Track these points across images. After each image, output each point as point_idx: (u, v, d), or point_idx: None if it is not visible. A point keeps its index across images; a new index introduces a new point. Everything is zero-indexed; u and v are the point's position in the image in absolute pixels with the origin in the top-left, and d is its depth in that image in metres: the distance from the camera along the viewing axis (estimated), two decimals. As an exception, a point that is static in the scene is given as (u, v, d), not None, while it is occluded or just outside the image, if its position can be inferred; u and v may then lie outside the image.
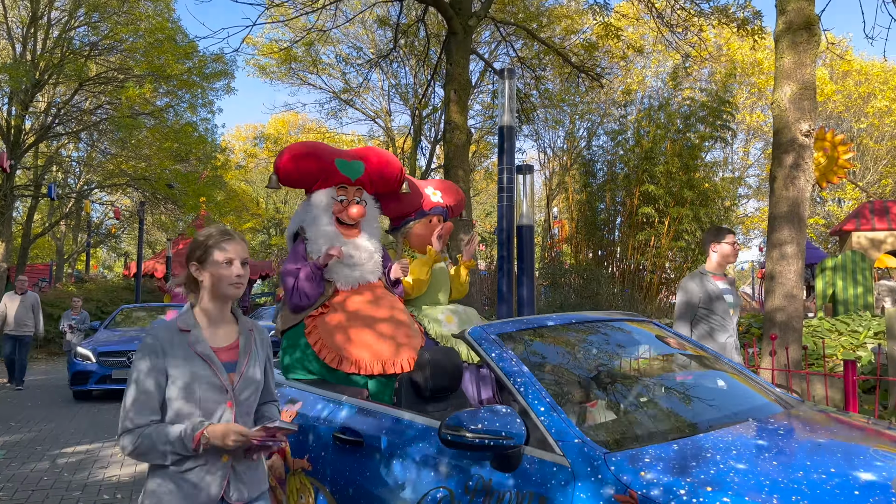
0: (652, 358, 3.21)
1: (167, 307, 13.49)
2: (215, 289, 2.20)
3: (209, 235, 2.24)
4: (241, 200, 37.04)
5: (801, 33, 5.91)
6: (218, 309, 2.25)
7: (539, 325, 3.08)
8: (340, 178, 4.00)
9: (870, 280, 12.17)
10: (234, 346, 2.24)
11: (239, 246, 2.24)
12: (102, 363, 10.08)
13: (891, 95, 27.99)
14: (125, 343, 10.47)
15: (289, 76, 21.66)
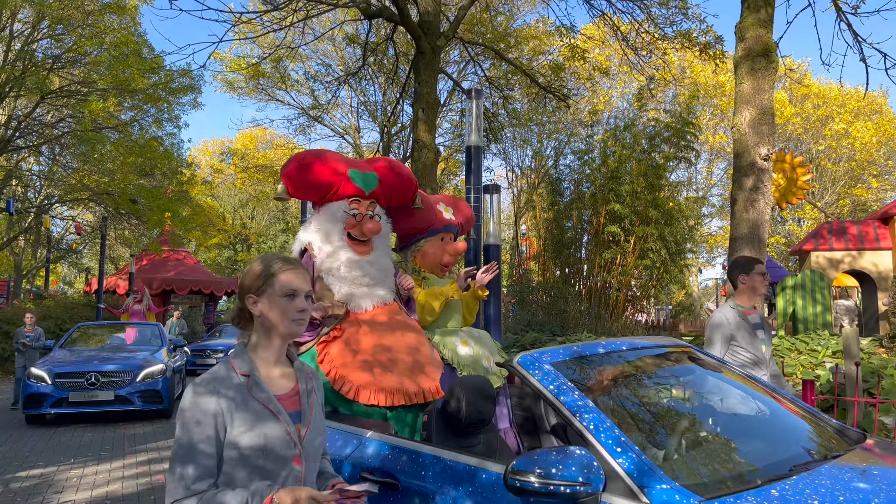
0: (717, 389, 3.02)
1: (126, 325, 13.15)
2: (275, 325, 1.92)
3: (269, 263, 1.97)
4: (208, 216, 36.64)
5: (760, 60, 6.07)
6: (276, 349, 1.96)
7: (591, 353, 2.81)
8: (353, 189, 3.63)
9: (828, 299, 12.44)
10: (294, 393, 1.96)
11: (302, 276, 1.97)
12: (59, 385, 9.58)
13: (847, 118, 28.86)
14: (83, 363, 9.99)
15: (257, 92, 21.55)
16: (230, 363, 1.91)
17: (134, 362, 10.12)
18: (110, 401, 9.65)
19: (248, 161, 25.81)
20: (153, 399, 9.96)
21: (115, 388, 9.70)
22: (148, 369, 10.02)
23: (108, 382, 9.69)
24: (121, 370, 9.87)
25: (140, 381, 9.86)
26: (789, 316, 12.58)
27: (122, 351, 11.04)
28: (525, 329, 13.88)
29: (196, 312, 28.28)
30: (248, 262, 2.01)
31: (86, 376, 9.65)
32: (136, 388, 9.81)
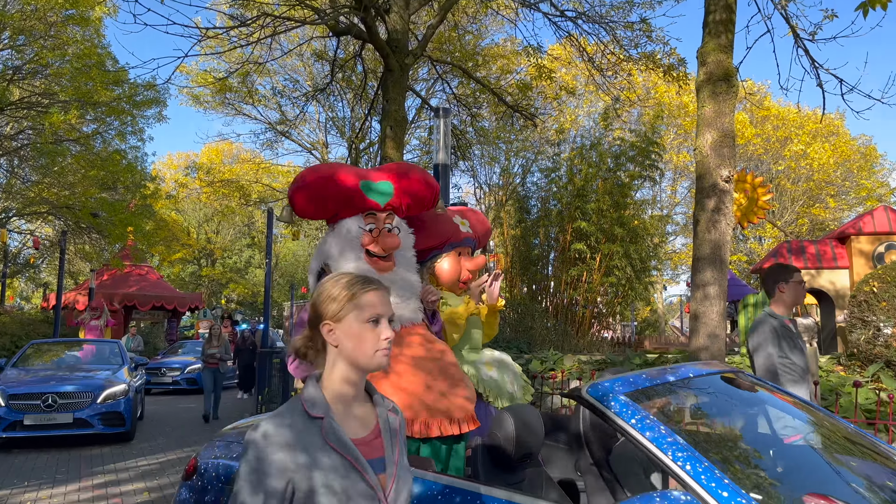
0: (792, 420, 2.79)
1: (83, 342, 12.79)
2: (356, 358, 1.64)
3: (349, 283, 1.69)
4: (172, 230, 36.06)
5: (721, 84, 6.20)
6: (355, 385, 1.68)
7: (661, 382, 2.57)
8: (368, 204, 3.34)
9: (788, 317, 12.68)
10: (376, 435, 1.68)
11: (385, 298, 1.70)
12: (12, 407, 8.99)
13: (806, 140, 29.64)
14: (40, 384, 9.40)
15: (223, 106, 21.34)
16: (301, 403, 1.62)
17: (94, 382, 9.60)
18: (69, 424, 9.10)
19: (214, 175, 25.49)
20: (115, 422, 9.45)
21: (73, 410, 9.17)
22: (109, 390, 9.51)
23: (66, 404, 9.15)
24: (80, 391, 9.34)
25: (101, 402, 9.34)
26: (751, 333, 12.81)
27: (80, 370, 10.49)
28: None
29: (158, 329, 27.77)
30: (326, 281, 1.72)
31: (42, 398, 9.09)
32: (97, 410, 9.29)
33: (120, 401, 9.51)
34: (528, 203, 19.32)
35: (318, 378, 1.68)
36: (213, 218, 43.40)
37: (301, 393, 1.66)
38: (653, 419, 2.16)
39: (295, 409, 1.61)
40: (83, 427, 9.18)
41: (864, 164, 32.44)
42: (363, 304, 1.65)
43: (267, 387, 11.87)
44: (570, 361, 10.38)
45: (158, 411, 13.56)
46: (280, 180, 31.82)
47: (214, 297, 46.32)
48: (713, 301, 6.06)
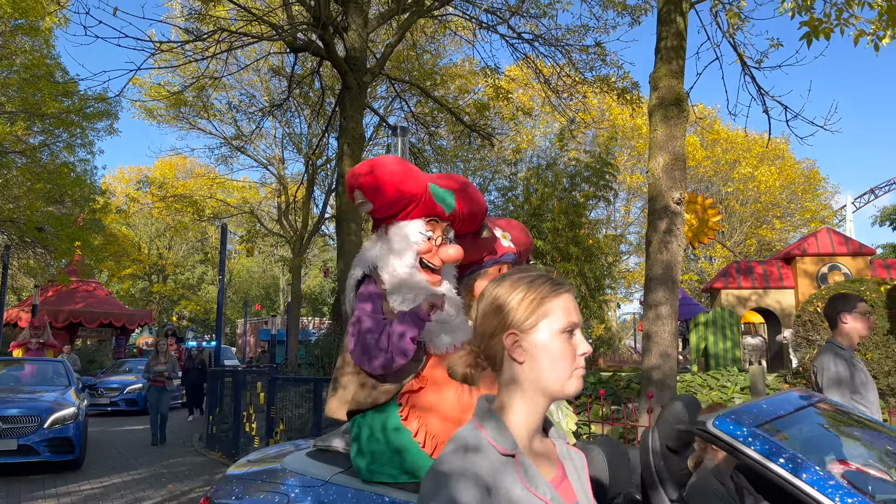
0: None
1: (24, 361, 12.27)
2: (547, 378, 1.29)
3: (533, 283, 1.34)
4: (122, 245, 35.17)
5: (672, 108, 6.35)
6: (540, 414, 1.33)
7: (785, 412, 2.31)
8: (433, 208, 2.95)
9: (737, 335, 13.00)
10: (563, 477, 1.36)
11: (574, 301, 1.37)
12: None
13: (753, 163, 30.59)
14: None
15: (178, 120, 20.98)
16: (483, 436, 1.28)
17: (40, 405, 8.89)
18: (12, 451, 8.30)
19: (167, 190, 24.98)
20: (63, 448, 8.67)
21: (18, 436, 8.36)
22: (57, 413, 8.78)
23: (9, 430, 8.35)
24: (25, 414, 8.58)
25: (48, 427, 8.56)
26: (702, 352, 13.06)
27: (22, 391, 9.74)
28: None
29: (106, 346, 26.96)
30: (498, 282, 1.38)
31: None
32: (44, 435, 8.50)
33: (69, 425, 8.75)
34: (486, 222, 19.45)
35: (489, 401, 1.35)
36: (166, 233, 42.48)
37: (479, 421, 1.32)
38: (801, 457, 1.94)
39: (478, 441, 1.26)
40: (28, 454, 8.43)
41: (808, 187, 33.63)
42: (557, 309, 1.30)
43: (218, 407, 11.52)
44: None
45: (98, 434, 12.82)
46: (235, 195, 31.37)
47: (166, 314, 45.24)
48: (665, 321, 6.16)
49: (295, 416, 9.41)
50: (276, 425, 9.24)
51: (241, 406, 10.04)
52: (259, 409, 9.88)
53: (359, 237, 9.95)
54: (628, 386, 9.27)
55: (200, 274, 50.35)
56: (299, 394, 9.44)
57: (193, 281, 49.46)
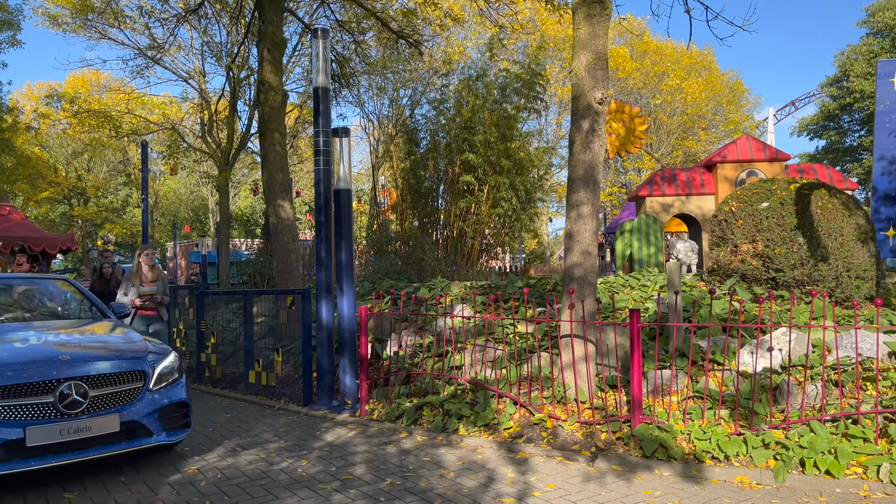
0: None
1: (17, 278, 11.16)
2: None
3: None
4: (36, 167, 33.43)
5: (595, 6, 6.30)
6: None
7: None
8: None
9: (661, 241, 13.46)
10: None
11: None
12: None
13: (681, 74, 30.97)
14: (35, 363, 4.75)
15: (85, 28, 19.56)
16: None
17: (132, 349, 5.25)
18: (112, 434, 4.66)
19: (80, 105, 23.58)
20: (178, 421, 5.18)
21: (118, 407, 4.75)
22: (162, 362, 5.22)
23: (102, 399, 4.69)
24: (123, 370, 4.89)
25: (155, 387, 5.04)
26: (627, 257, 13.52)
27: (62, 330, 5.72)
28: (382, 277, 13.95)
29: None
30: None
31: (52, 389, 4.49)
32: (154, 403, 4.96)
33: (180, 381, 5.31)
34: (417, 136, 19.24)
35: None
36: (84, 154, 40.43)
37: None
38: None
39: None
40: (137, 438, 4.82)
41: (733, 98, 34.42)
42: None
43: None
44: (457, 288, 10.62)
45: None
46: (156, 113, 29.94)
47: (90, 239, 43.62)
48: (586, 220, 6.31)
49: (227, 330, 9.38)
50: (207, 339, 9.22)
51: (170, 323, 9.91)
52: (189, 326, 9.80)
53: (283, 147, 9.71)
54: (554, 289, 9.55)
55: (125, 197, 48.48)
56: (231, 310, 9.39)
57: (118, 204, 47.63)
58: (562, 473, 4.79)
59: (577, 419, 5.57)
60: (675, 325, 6.25)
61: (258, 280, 16.66)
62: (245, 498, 4.43)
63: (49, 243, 24.32)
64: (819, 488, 4.28)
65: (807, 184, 8.17)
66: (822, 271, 7.56)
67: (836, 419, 4.88)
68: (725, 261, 8.50)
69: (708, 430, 4.99)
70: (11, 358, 4.68)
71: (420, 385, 6.95)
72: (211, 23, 19.70)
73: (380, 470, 4.98)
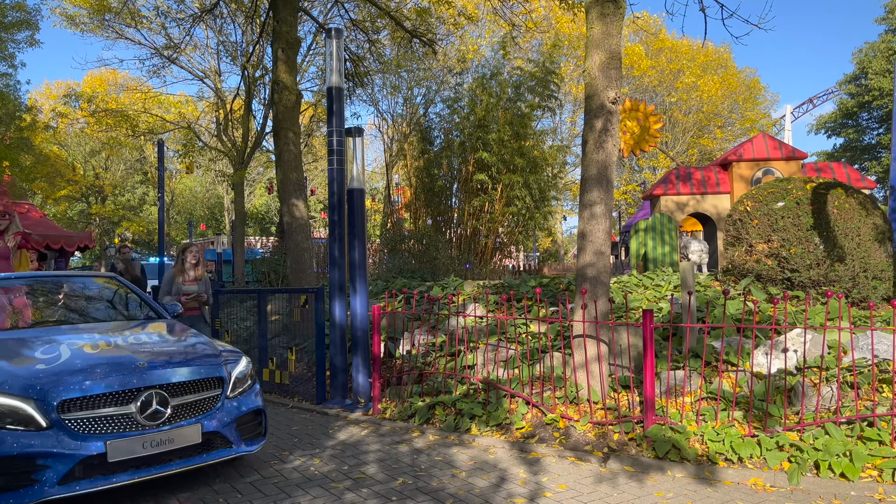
0: None
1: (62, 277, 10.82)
2: None
3: None
4: (54, 165, 33.76)
5: (609, 5, 6.27)
6: None
7: None
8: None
9: (675, 240, 13.39)
10: None
11: None
12: (72, 426, 4.08)
13: (697, 72, 30.74)
14: (112, 369, 4.53)
15: (102, 28, 19.74)
16: None
17: (208, 354, 4.92)
18: (194, 446, 4.39)
19: (97, 104, 23.82)
20: (255, 430, 4.93)
21: (199, 415, 4.49)
22: (237, 367, 4.96)
23: (184, 408, 4.43)
24: (202, 376, 4.60)
25: (233, 395, 4.78)
26: (641, 256, 13.45)
27: (123, 333, 5.33)
28: (395, 275, 13.98)
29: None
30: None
31: (132, 398, 4.22)
32: (233, 411, 4.69)
33: (254, 387, 5.05)
34: (431, 134, 19.25)
35: None
36: (101, 152, 40.81)
37: None
38: None
39: None
40: (217, 450, 4.55)
41: (749, 96, 34.11)
42: None
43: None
44: (469, 287, 10.62)
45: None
46: (172, 112, 30.15)
47: (107, 237, 44.06)
48: (599, 220, 6.29)
49: (241, 328, 9.45)
50: (222, 337, 9.28)
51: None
52: (205, 323, 9.87)
53: (297, 146, 9.75)
54: (567, 288, 9.53)
55: (141, 195, 48.89)
56: (245, 308, 9.46)
57: (135, 202, 48.05)
58: (574, 474, 4.79)
59: (590, 419, 5.56)
60: (688, 326, 6.22)
61: (272, 278, 16.76)
62: (258, 496, 4.46)
63: (67, 241, 24.60)
64: (834, 491, 4.25)
65: (823, 183, 8.09)
66: (839, 272, 7.49)
67: (852, 421, 4.84)
68: (740, 260, 8.44)
69: (721, 432, 4.96)
70: (86, 365, 4.31)
71: (432, 384, 6.96)
72: (226, 22, 19.81)
73: (392, 469, 5.00)
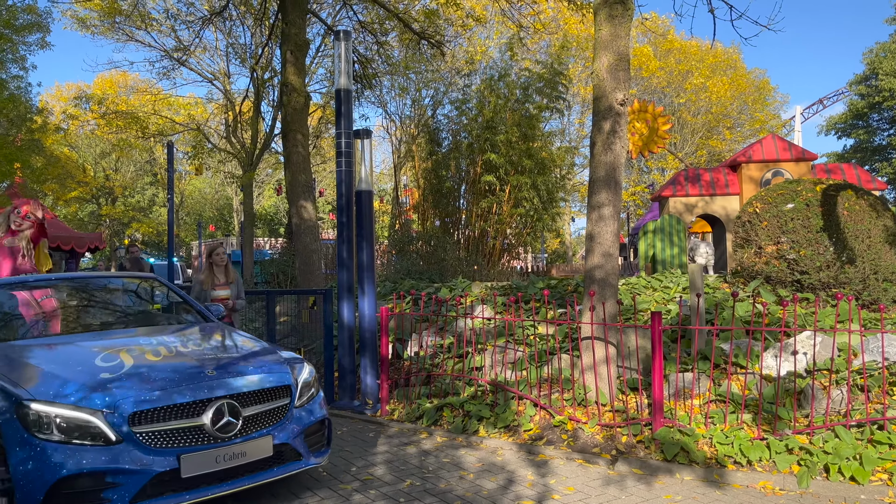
0: None
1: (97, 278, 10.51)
2: None
3: None
4: (65, 167, 33.96)
5: (617, 6, 6.27)
6: None
7: None
8: None
9: (684, 241, 13.34)
10: None
11: None
12: (145, 440, 3.85)
13: (706, 73, 30.63)
14: (180, 380, 4.29)
15: (113, 31, 19.87)
16: None
17: (273, 359, 4.67)
18: (264, 460, 4.12)
19: (108, 106, 23.97)
20: (321, 441, 4.60)
21: (271, 426, 4.21)
22: (302, 374, 4.61)
23: (255, 419, 4.16)
24: (272, 385, 4.30)
25: (300, 404, 4.45)
26: (650, 258, 13.41)
27: (169, 333, 5.08)
28: (403, 277, 13.99)
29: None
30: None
31: (204, 409, 3.93)
32: (302, 421, 4.41)
33: (319, 396, 4.71)
34: (439, 135, 19.27)
35: None
36: (111, 154, 41.05)
37: None
38: None
39: None
40: (287, 463, 4.26)
41: (759, 97, 33.96)
42: None
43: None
44: (478, 288, 10.62)
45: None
46: (181, 114, 30.30)
47: (117, 238, 44.31)
48: (608, 221, 6.28)
49: (250, 329, 9.49)
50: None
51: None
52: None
53: (305, 148, 9.78)
54: (575, 290, 9.52)
55: (151, 196, 49.12)
56: (254, 309, 9.50)
57: (144, 203, 48.28)
58: (582, 476, 4.78)
59: (598, 422, 5.56)
60: (697, 328, 6.20)
61: (281, 279, 16.81)
62: (267, 497, 4.48)
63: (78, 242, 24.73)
64: (843, 495, 4.23)
65: (833, 185, 8.05)
66: (849, 274, 7.45)
67: (862, 425, 4.81)
68: (749, 262, 8.41)
69: (730, 435, 4.95)
70: (153, 373, 3.99)
71: (440, 386, 6.97)
72: (235, 25, 19.90)
73: (400, 470, 5.01)
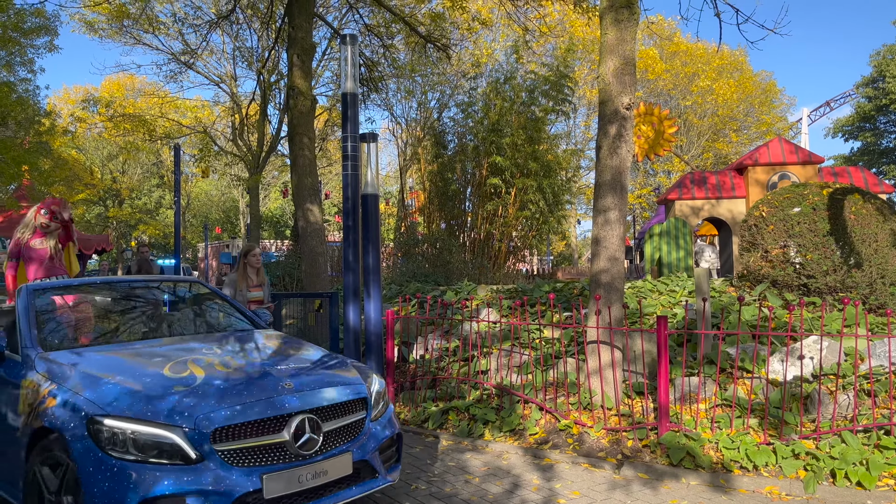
0: None
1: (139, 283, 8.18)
2: None
3: None
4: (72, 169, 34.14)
5: (623, 11, 6.27)
6: None
7: None
8: None
9: (690, 244, 13.31)
10: None
11: None
12: (228, 458, 3.66)
13: (712, 76, 30.57)
14: (253, 394, 4.08)
15: (121, 34, 19.98)
16: None
17: (344, 369, 4.36)
18: (345, 479, 3.83)
19: (115, 109, 24.09)
20: (393, 456, 4.32)
21: (349, 441, 3.94)
22: (376, 386, 4.35)
23: (335, 435, 3.88)
24: (349, 398, 4.02)
25: (375, 417, 4.20)
26: (656, 261, 13.39)
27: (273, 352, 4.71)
28: (409, 279, 14.01)
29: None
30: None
31: (284, 425, 3.64)
32: (378, 436, 4.13)
33: (390, 408, 4.48)
34: (445, 138, 19.31)
35: None
36: (119, 156, 41.25)
37: None
38: None
39: None
40: (363, 481, 3.96)
41: (765, 100, 33.87)
42: None
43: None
44: (483, 291, 10.62)
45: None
46: (188, 116, 30.43)
47: (124, 240, 44.49)
48: (613, 225, 6.28)
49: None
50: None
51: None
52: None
53: (312, 151, 9.81)
54: (581, 293, 9.51)
55: (158, 198, 49.32)
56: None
57: (151, 205, 48.48)
58: (587, 480, 4.79)
59: (604, 426, 5.56)
60: (703, 332, 6.19)
61: (287, 282, 16.86)
62: (273, 500, 4.49)
63: (85, 244, 24.85)
64: (850, 500, 4.22)
65: (839, 189, 8.03)
66: (856, 278, 7.43)
67: (869, 430, 4.80)
68: (755, 266, 8.39)
69: (736, 439, 4.94)
70: (229, 386, 3.66)
71: (446, 389, 6.98)
72: (242, 28, 20.00)
73: (405, 474, 5.02)
